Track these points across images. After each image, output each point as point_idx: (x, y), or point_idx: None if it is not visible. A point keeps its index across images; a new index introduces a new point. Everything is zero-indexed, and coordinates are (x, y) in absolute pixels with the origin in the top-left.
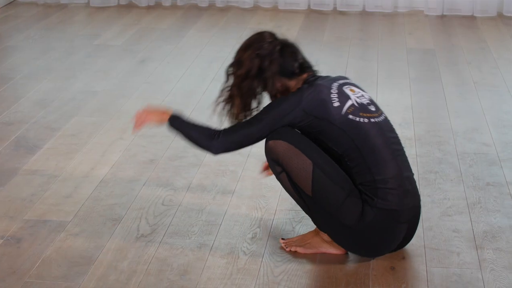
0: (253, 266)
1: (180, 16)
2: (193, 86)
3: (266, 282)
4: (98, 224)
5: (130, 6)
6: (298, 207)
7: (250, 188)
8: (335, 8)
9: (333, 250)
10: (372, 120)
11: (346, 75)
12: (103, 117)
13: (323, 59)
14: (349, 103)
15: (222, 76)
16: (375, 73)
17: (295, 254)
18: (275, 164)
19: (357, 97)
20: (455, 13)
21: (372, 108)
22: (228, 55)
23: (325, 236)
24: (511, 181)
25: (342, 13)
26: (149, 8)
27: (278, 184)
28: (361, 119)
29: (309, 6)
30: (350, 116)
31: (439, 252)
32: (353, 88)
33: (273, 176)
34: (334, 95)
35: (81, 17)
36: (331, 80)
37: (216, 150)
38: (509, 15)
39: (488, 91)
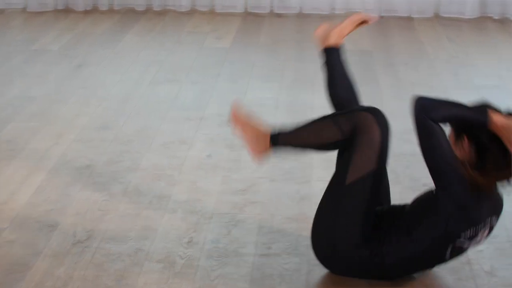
0: (189, 270)
1: (117, 21)
2: (130, 90)
3: (203, 286)
4: (34, 231)
5: (67, 11)
6: (234, 211)
7: (186, 192)
8: (272, 11)
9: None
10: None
11: (287, 80)
12: (40, 123)
13: (259, 62)
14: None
15: (159, 80)
16: (312, 75)
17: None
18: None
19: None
20: (392, 14)
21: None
22: (165, 59)
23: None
24: None
25: (279, 15)
26: (86, 12)
27: (214, 187)
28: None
29: (245, 9)
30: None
31: None
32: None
33: (209, 180)
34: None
35: (18, 22)
36: None
37: None
38: (445, 15)
39: (425, 92)
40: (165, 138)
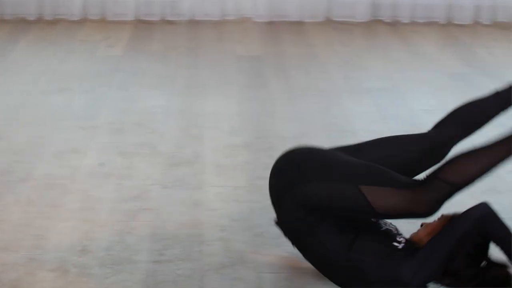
0: (83, 278)
1: (8, 31)
2: (22, 100)
3: None
4: None
5: None
6: (127, 218)
7: (79, 201)
8: (163, 18)
9: None
10: None
11: (178, 87)
12: None
13: (152, 70)
14: None
15: (51, 89)
16: (204, 82)
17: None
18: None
19: None
20: (284, 19)
21: None
22: (57, 68)
23: None
24: None
25: (170, 22)
26: None
27: (106, 196)
28: None
29: (137, 16)
30: None
31: (269, 257)
32: None
33: (102, 189)
34: None
35: None
36: None
37: None
38: (337, 19)
39: (316, 96)
40: (58, 147)
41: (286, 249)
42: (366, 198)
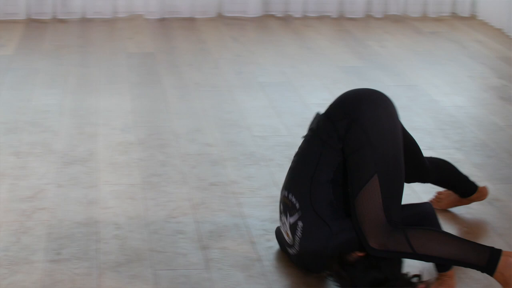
0: None
1: None
2: None
3: None
4: None
5: None
6: (23, 218)
7: None
8: (54, 17)
9: None
10: None
11: (71, 85)
12: None
13: (43, 69)
14: None
15: None
16: (96, 80)
17: None
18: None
19: None
20: (175, 15)
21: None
22: None
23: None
24: (234, 180)
25: (62, 21)
26: None
27: (0, 196)
28: None
29: (28, 15)
30: None
31: (166, 254)
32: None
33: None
34: None
35: None
36: None
37: None
38: (229, 15)
39: (209, 92)
40: None
41: (181, 245)
42: (367, 181)
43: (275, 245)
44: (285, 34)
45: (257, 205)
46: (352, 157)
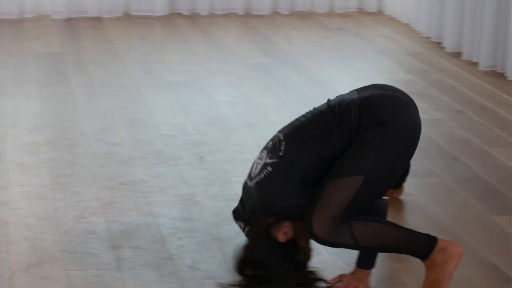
0: None
1: None
2: None
3: None
4: None
5: None
6: None
7: None
8: None
9: None
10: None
11: None
12: None
13: None
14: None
15: None
16: (4, 81)
17: None
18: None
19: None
20: (82, 15)
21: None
22: None
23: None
24: (143, 179)
25: None
26: None
27: None
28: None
29: None
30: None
31: (77, 255)
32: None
33: None
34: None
35: None
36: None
37: None
38: (136, 14)
39: (116, 91)
40: None
41: (92, 245)
42: (352, 175)
43: (186, 243)
44: (192, 33)
45: (167, 203)
46: (356, 148)
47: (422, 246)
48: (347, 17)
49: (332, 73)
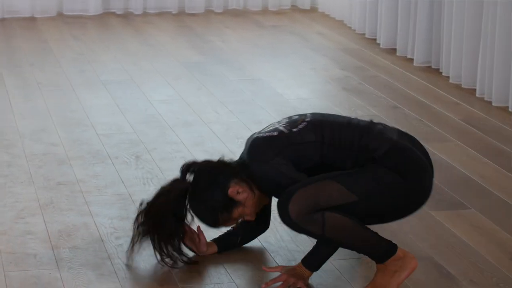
0: None
1: None
2: None
3: None
4: None
5: None
6: None
7: None
8: None
9: None
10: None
11: None
12: None
13: None
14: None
15: None
16: None
17: None
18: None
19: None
20: (15, 15)
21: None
22: None
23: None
24: (81, 178)
25: None
26: None
27: None
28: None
29: None
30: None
31: (15, 255)
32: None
33: None
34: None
35: None
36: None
37: None
38: (69, 14)
39: (52, 91)
40: None
41: (31, 246)
42: (347, 190)
43: (124, 243)
44: (126, 32)
45: (105, 203)
46: (373, 175)
47: (382, 251)
48: (281, 14)
49: (268, 70)
